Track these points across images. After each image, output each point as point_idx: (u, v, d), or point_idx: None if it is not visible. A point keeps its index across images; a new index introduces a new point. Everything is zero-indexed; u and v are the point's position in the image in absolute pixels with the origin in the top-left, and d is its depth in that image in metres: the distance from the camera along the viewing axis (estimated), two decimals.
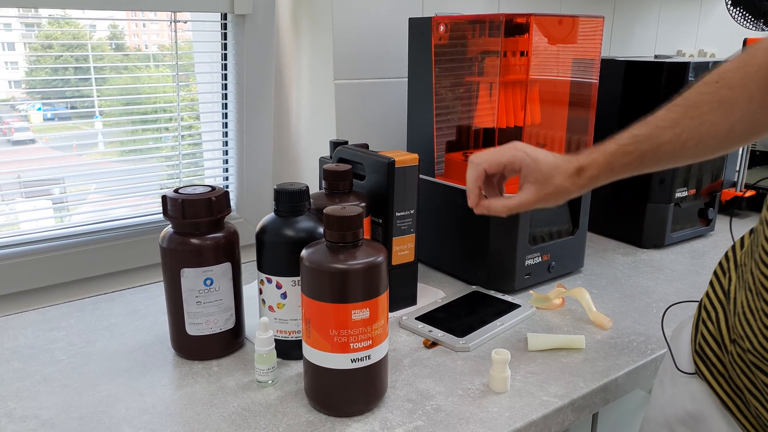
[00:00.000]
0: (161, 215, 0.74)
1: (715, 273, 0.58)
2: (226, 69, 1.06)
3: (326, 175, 0.79)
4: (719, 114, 0.60)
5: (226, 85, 1.08)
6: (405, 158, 0.81)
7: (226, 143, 1.11)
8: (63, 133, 0.95)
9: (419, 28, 0.96)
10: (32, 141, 0.94)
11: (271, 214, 0.71)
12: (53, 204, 0.97)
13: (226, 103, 1.09)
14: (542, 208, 0.69)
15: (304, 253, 0.61)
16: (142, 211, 1.03)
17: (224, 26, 1.04)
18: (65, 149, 0.97)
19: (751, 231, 0.54)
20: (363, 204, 0.79)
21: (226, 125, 1.10)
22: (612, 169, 0.66)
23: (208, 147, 1.10)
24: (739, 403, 0.53)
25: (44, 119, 0.93)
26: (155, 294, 0.92)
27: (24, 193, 0.93)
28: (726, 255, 0.57)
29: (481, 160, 0.69)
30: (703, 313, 0.57)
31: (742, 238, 0.56)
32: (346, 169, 0.79)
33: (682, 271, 1.01)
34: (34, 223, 0.95)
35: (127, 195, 1.01)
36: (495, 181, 0.73)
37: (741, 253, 0.55)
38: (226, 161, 1.12)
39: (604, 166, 0.66)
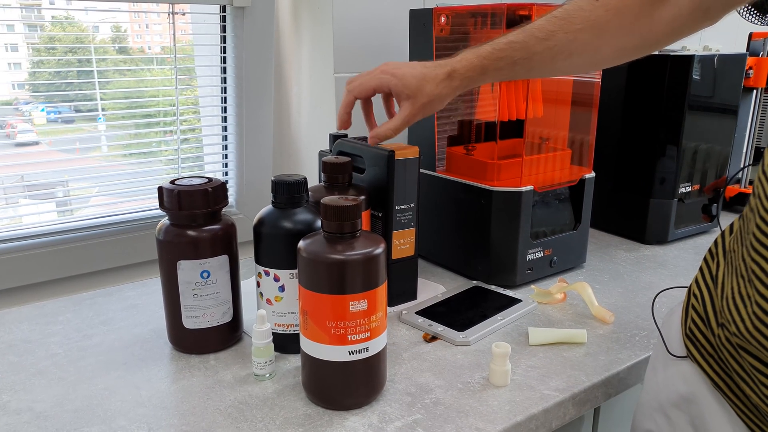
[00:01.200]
0: (159, 210, 0.73)
1: (704, 259, 0.57)
2: (225, 63, 1.06)
3: (325, 167, 0.78)
4: (590, 33, 0.62)
5: (225, 79, 1.07)
6: (405, 151, 0.80)
7: (225, 138, 1.10)
8: (64, 132, 0.95)
9: (420, 19, 0.95)
10: (36, 143, 0.93)
11: (269, 206, 0.71)
12: (56, 205, 0.96)
13: (225, 98, 1.08)
14: (424, 116, 0.72)
15: (301, 243, 0.60)
16: (139, 207, 1.02)
17: (223, 19, 1.03)
18: (68, 149, 0.97)
19: (740, 217, 0.54)
20: (362, 197, 0.78)
21: (225, 119, 1.09)
22: (485, 72, 0.67)
23: (207, 142, 1.09)
24: (730, 383, 0.52)
25: (48, 120, 0.93)
26: (153, 289, 0.92)
27: (27, 195, 0.92)
28: (715, 241, 0.57)
29: (352, 87, 0.73)
30: (692, 298, 0.57)
31: (731, 224, 0.55)
32: (345, 161, 0.78)
33: (686, 267, 1.00)
34: (34, 217, 0.94)
35: (129, 191, 1.01)
36: (384, 100, 0.77)
37: (730, 238, 0.54)
38: (226, 156, 1.11)
39: (478, 68, 0.67)
